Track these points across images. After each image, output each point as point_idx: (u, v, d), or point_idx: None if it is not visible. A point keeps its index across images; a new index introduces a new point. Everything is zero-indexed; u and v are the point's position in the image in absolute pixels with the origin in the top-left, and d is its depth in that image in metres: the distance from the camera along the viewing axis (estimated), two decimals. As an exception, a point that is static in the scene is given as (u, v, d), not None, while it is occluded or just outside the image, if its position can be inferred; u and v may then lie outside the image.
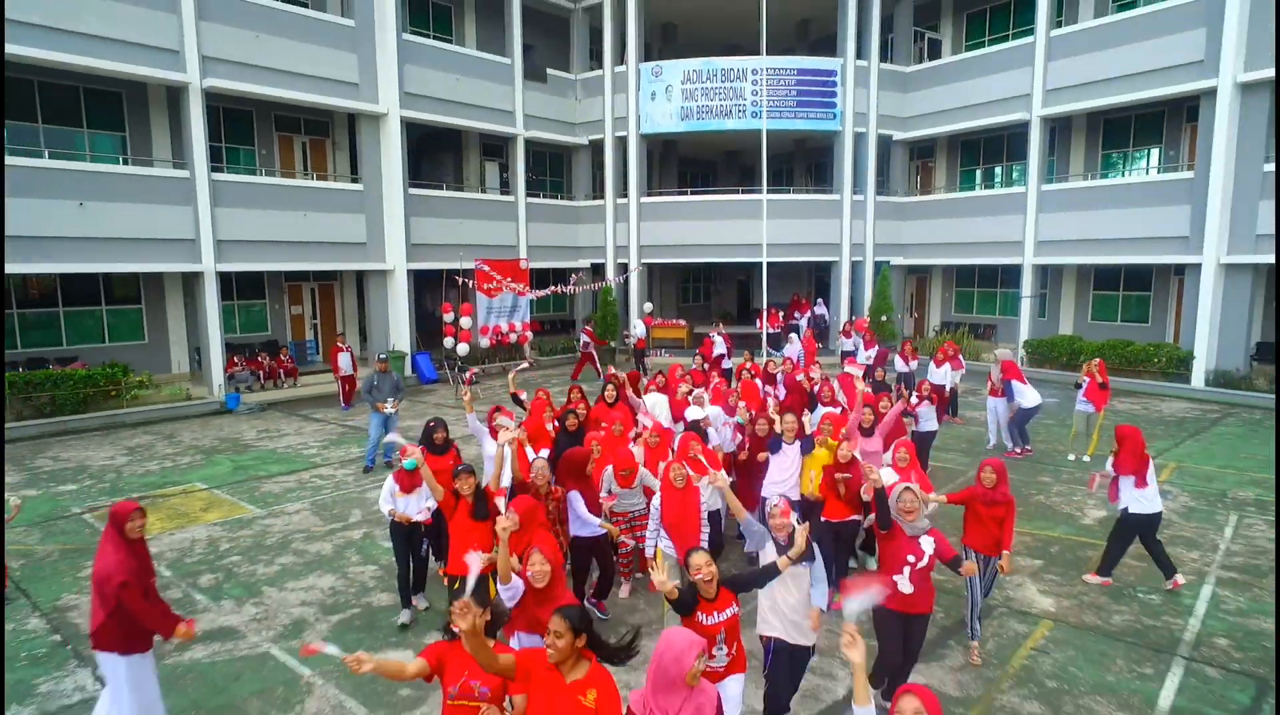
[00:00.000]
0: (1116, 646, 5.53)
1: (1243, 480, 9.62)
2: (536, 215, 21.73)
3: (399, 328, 18.40)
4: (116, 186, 14.24)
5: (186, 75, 14.64)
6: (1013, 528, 5.48)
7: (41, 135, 14.68)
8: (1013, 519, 5.50)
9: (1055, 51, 18.47)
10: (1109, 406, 11.16)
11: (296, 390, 16.61)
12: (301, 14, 16.49)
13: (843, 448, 6.03)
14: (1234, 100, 15.29)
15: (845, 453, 6.00)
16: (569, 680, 2.91)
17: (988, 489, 5.52)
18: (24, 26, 12.74)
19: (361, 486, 9.62)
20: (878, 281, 21.35)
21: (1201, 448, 11.36)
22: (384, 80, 17.61)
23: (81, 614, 6.11)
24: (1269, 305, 17.12)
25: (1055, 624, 5.86)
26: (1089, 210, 18.17)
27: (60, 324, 15.61)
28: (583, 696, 2.89)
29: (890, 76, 21.60)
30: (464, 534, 5.08)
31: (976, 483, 5.61)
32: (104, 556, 3.86)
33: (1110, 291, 19.96)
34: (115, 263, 14.39)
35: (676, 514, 5.37)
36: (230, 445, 12.01)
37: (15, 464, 10.88)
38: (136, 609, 3.81)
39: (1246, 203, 15.39)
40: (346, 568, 7.06)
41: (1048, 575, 6.77)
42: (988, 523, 5.48)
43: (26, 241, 13.12)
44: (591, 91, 22.25)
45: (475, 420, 6.84)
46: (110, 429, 13.36)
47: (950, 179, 23.16)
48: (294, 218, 16.52)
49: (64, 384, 13.41)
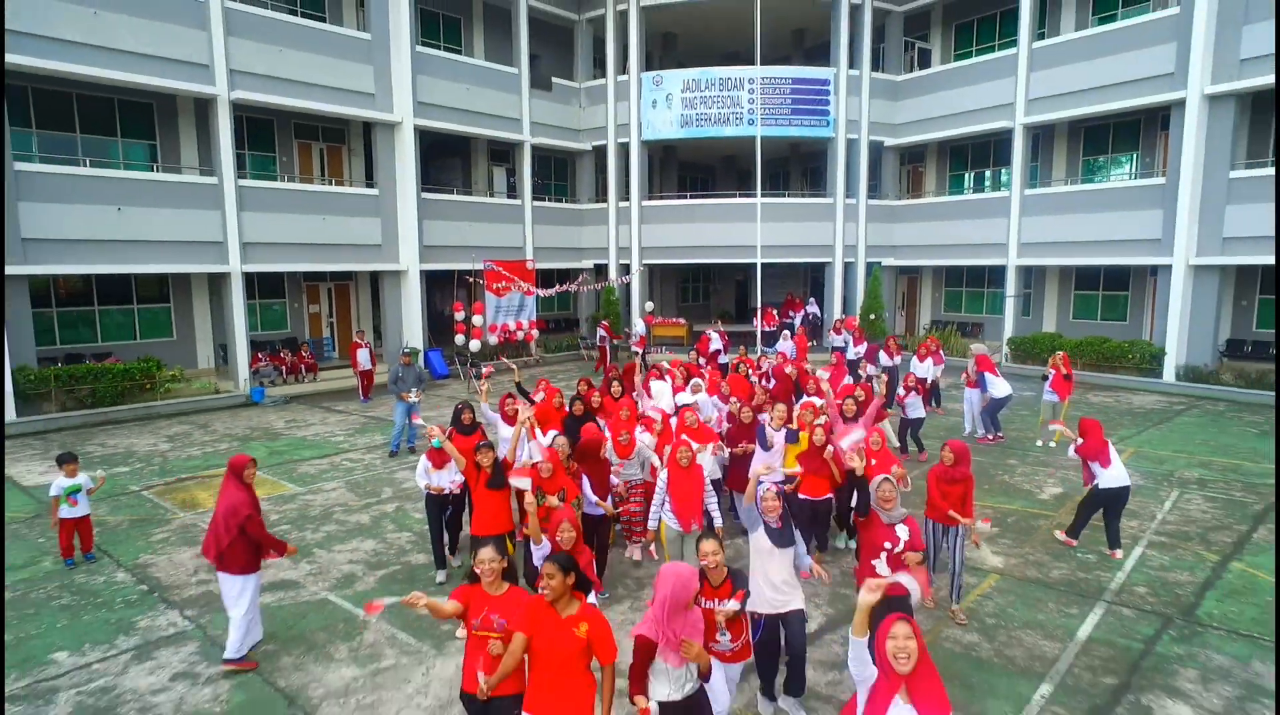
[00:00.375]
0: (1050, 593, 6.47)
1: (1191, 462, 10.55)
2: (542, 218, 22.68)
3: (412, 326, 19.34)
4: (150, 192, 15.19)
5: (216, 88, 15.59)
6: (972, 502, 6.11)
7: (79, 144, 15.62)
8: (972, 494, 6.12)
9: (1037, 63, 19.41)
10: (1075, 397, 12.08)
11: (317, 385, 17.55)
12: (322, 28, 17.44)
13: (817, 434, 6.90)
14: (1201, 111, 16.22)
15: (819, 437, 6.88)
16: (564, 616, 3.47)
17: (947, 467, 6.28)
18: (68, 44, 13.70)
19: (389, 468, 10.56)
20: (869, 281, 22.28)
21: (1161, 435, 12.29)
22: (398, 90, 18.56)
23: (159, 569, 7.06)
24: (1238, 304, 18.07)
25: (1001, 577, 6.80)
26: (1069, 214, 19.11)
27: (95, 322, 16.56)
28: (576, 629, 3.44)
29: (881, 85, 22.53)
30: (484, 500, 6.08)
31: (939, 462, 6.44)
32: (229, 497, 4.84)
33: (1090, 291, 20.90)
34: (149, 264, 15.32)
35: (682, 491, 6.02)
36: (262, 433, 12.96)
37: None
38: (259, 535, 4.83)
39: (1214, 208, 16.31)
40: (384, 534, 8.01)
41: (1002, 540, 7.70)
42: (947, 498, 6.10)
43: (69, 244, 14.10)
44: (595, 99, 23.19)
45: (488, 409, 7.78)
46: (147, 419, 14.30)
47: (940, 183, 24.09)
48: (314, 221, 17.47)
49: (104, 377, 14.34)
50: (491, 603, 3.72)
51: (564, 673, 3.43)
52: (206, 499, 9.18)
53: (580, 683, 3.48)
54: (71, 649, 5.61)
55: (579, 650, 3.43)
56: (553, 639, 3.44)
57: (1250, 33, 15.55)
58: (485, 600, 3.74)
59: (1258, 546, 7.47)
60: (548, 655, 3.42)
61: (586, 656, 3.47)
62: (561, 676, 3.43)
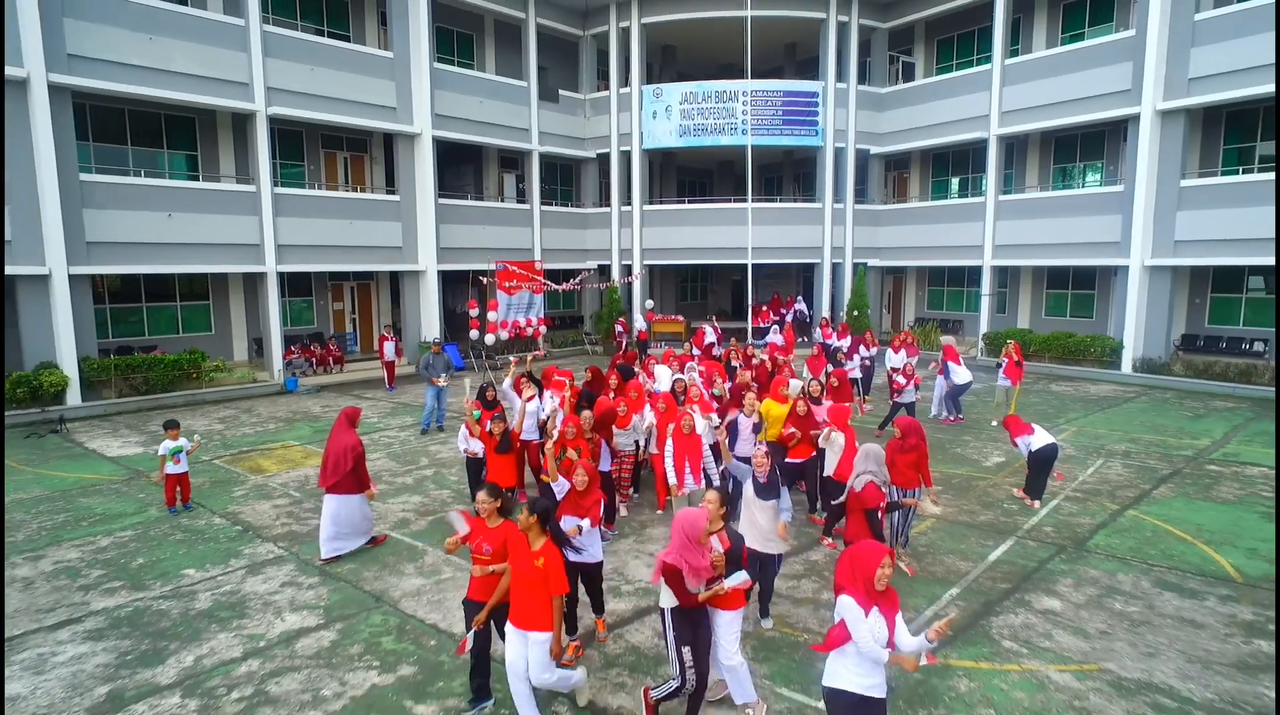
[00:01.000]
0: (974, 532, 8.00)
1: (1123, 439, 12.08)
2: (549, 221, 24.22)
3: (430, 321, 20.88)
4: (196, 199, 16.72)
5: (255, 104, 17.12)
6: (927, 467, 7.30)
7: (130, 156, 17.16)
8: (926, 462, 7.30)
9: (1009, 78, 20.94)
10: (1040, 388, 13.58)
11: (343, 375, 19.09)
12: (349, 48, 18.98)
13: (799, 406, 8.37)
14: (1154, 125, 17.75)
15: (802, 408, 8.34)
16: (533, 548, 4.39)
17: (901, 440, 7.70)
18: (129, 67, 15.25)
19: (423, 443, 12.09)
20: (855, 281, 23.80)
21: (1105, 418, 13.81)
22: (418, 104, 20.09)
23: (247, 516, 8.58)
24: (1191, 302, 19.58)
25: (937, 521, 8.31)
26: (1039, 218, 20.64)
27: (143, 317, 18.10)
28: (537, 561, 4.33)
29: (867, 97, 24.06)
30: (494, 460, 7.76)
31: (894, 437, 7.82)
32: (344, 437, 6.54)
33: (1061, 290, 22.43)
34: (195, 264, 16.86)
35: (684, 454, 7.49)
36: (303, 416, 14.48)
37: (135, 429, 13.37)
38: (363, 467, 6.42)
39: (1166, 214, 17.83)
40: (428, 491, 9.53)
41: (944, 496, 9.21)
42: (902, 466, 7.25)
43: (126, 247, 15.63)
44: (599, 110, 24.73)
45: (508, 386, 9.31)
46: (194, 405, 15.82)
47: (923, 188, 25.62)
48: (341, 225, 19.00)
49: (156, 367, 15.88)
50: (486, 533, 4.74)
51: (529, 592, 4.38)
52: (270, 466, 10.71)
53: (542, 601, 4.37)
54: (196, 567, 7.14)
55: (539, 577, 4.34)
56: (520, 565, 4.38)
57: (1197, 54, 17.07)
58: (483, 531, 4.76)
59: (1154, 500, 9.00)
60: (519, 577, 4.41)
61: (545, 583, 4.37)
62: (528, 594, 4.39)
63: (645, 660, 5.44)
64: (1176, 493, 9.27)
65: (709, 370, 11.35)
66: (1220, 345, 18.54)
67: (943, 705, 4.84)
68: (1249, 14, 16.32)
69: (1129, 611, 6.14)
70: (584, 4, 23.79)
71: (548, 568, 4.34)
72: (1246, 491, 9.28)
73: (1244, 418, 13.77)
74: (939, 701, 4.88)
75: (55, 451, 11.78)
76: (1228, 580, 6.76)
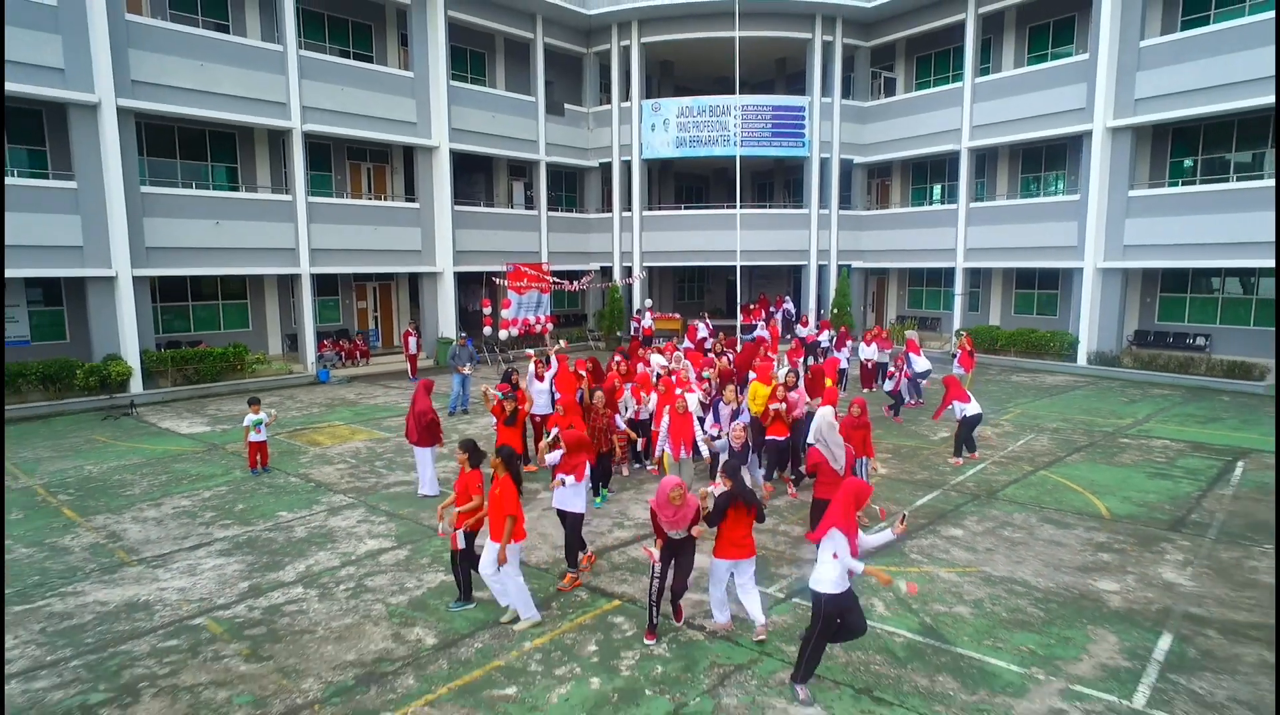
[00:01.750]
0: (908, 486, 9.86)
1: (1056, 420, 13.93)
2: (555, 226, 26.08)
3: (447, 319, 22.74)
4: (240, 208, 18.58)
5: (291, 122, 18.98)
6: (870, 441, 9.03)
7: (179, 169, 19.02)
8: (870, 436, 9.13)
9: (979, 95, 22.80)
10: (1000, 378, 15.37)
11: (369, 368, 20.95)
12: (374, 69, 20.84)
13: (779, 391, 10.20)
14: (1105, 141, 19.60)
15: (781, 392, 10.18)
16: (493, 486, 5.98)
17: (855, 417, 9.48)
18: (181, 91, 17.10)
19: (451, 423, 13.93)
20: (839, 282, 25.64)
21: (1049, 403, 15.67)
22: (436, 119, 21.94)
23: (317, 476, 10.43)
24: (1143, 301, 21.43)
25: (881, 479, 10.16)
26: (1006, 224, 22.50)
27: (190, 314, 19.97)
28: (496, 491, 5.90)
29: (851, 110, 25.90)
30: (502, 432, 9.53)
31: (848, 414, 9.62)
32: (423, 401, 8.47)
33: (1028, 289, 24.29)
34: (238, 267, 18.72)
35: (679, 430, 9.22)
36: (341, 402, 16.34)
37: (195, 413, 15.23)
38: (438, 426, 8.35)
39: (1116, 221, 19.69)
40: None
41: (890, 462, 11.06)
42: (855, 439, 9.03)
43: (179, 251, 17.48)
44: (601, 123, 26.58)
45: (533, 375, 11.15)
46: (239, 394, 17.62)
47: (905, 195, 27.47)
48: (367, 230, 20.87)
49: (206, 359, 17.74)
50: (465, 478, 6.45)
51: (492, 513, 5.95)
52: (324, 441, 12.57)
53: (498, 520, 5.87)
54: (288, 511, 9.00)
55: (496, 501, 5.91)
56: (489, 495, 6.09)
57: (1143, 78, 18.93)
58: (464, 476, 6.47)
59: (1065, 464, 10.86)
60: (491, 503, 6.00)
61: (501, 505, 5.87)
62: (492, 514, 5.95)
63: (643, 567, 7.29)
64: (1085, 459, 11.13)
65: (694, 361, 13.21)
66: (1168, 340, 20.41)
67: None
68: (1189, 42, 18.19)
69: (1013, 537, 8.00)
70: (588, 24, 25.64)
71: (503, 495, 5.91)
72: (1143, 457, 11.15)
73: (1172, 402, 15.64)
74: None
75: (135, 430, 13.64)
76: (1098, 517, 8.62)
